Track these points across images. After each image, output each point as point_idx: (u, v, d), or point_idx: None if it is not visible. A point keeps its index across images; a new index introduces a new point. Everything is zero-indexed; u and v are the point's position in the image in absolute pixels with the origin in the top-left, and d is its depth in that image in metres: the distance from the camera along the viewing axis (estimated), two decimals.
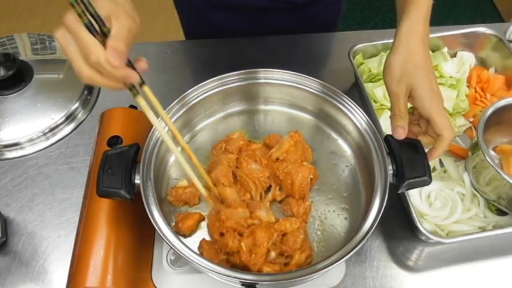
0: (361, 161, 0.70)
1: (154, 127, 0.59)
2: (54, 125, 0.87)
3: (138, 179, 0.60)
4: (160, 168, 0.68)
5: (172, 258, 0.66)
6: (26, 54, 0.96)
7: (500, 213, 0.78)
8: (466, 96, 0.93)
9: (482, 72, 0.96)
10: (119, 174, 0.59)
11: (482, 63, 1.00)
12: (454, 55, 0.99)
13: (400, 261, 0.75)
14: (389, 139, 0.64)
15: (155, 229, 0.57)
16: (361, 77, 0.92)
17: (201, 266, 0.54)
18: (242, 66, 0.71)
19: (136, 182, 0.60)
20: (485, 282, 0.74)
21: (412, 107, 0.65)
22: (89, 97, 0.93)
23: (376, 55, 0.97)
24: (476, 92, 0.94)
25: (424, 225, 0.71)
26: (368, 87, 0.91)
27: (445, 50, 0.97)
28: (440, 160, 0.84)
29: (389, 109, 0.65)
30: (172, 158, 0.72)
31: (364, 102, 0.89)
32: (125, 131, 0.72)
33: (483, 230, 0.75)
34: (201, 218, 0.66)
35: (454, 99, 0.90)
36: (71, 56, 0.48)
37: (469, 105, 0.92)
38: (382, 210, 0.58)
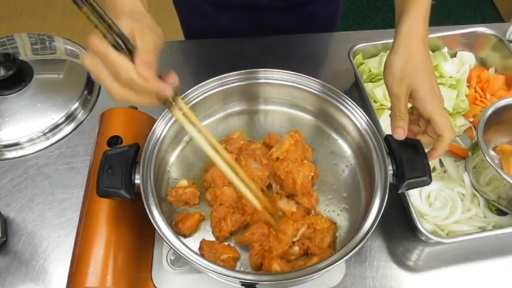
0: (361, 161, 0.70)
1: (197, 142, 0.57)
2: (54, 125, 0.87)
3: (138, 179, 0.60)
4: (160, 168, 0.68)
5: (172, 258, 0.66)
6: (26, 54, 0.96)
7: (500, 213, 0.78)
8: (466, 96, 0.93)
9: (482, 72, 0.96)
10: (119, 174, 0.59)
11: (482, 63, 1.00)
12: (454, 55, 0.99)
13: (400, 261, 0.75)
14: (389, 139, 0.64)
15: (155, 229, 0.57)
16: (361, 77, 0.92)
17: (201, 266, 0.54)
18: (242, 66, 0.71)
19: (136, 182, 0.60)
20: (485, 282, 0.74)
21: (411, 107, 0.65)
22: (89, 97, 0.93)
23: (376, 55, 0.97)
24: (476, 92, 0.94)
25: (424, 225, 0.71)
26: (368, 87, 0.91)
27: (445, 50, 0.97)
28: (440, 160, 0.84)
29: (389, 109, 0.65)
30: (172, 158, 0.72)
31: (364, 102, 0.89)
32: (125, 131, 0.72)
33: (483, 230, 0.75)
34: (201, 218, 0.66)
35: (454, 99, 0.90)
36: (101, 78, 0.48)
37: (469, 105, 0.92)
38: (382, 210, 0.58)
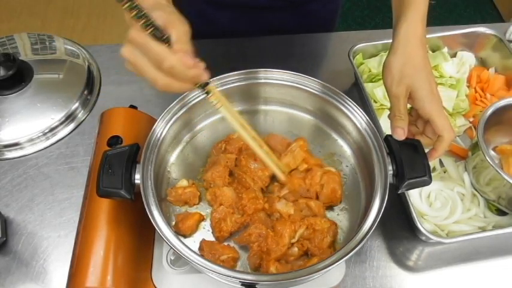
0: (361, 161, 0.70)
1: (228, 121, 0.62)
2: (54, 125, 0.87)
3: (138, 179, 0.60)
4: (160, 168, 0.68)
5: (172, 258, 0.66)
6: (26, 54, 0.96)
7: (500, 213, 0.78)
8: (466, 96, 0.92)
9: (482, 72, 0.96)
10: (119, 174, 0.59)
11: (482, 63, 1.00)
12: (454, 55, 0.99)
13: (400, 261, 0.75)
14: (389, 139, 0.64)
15: (155, 229, 0.57)
16: (361, 77, 0.92)
17: (201, 266, 0.54)
18: (242, 66, 0.71)
19: (136, 182, 0.60)
20: (485, 282, 0.74)
21: (410, 108, 0.65)
22: (89, 97, 0.93)
23: (376, 55, 0.97)
24: (476, 92, 0.94)
25: (424, 225, 0.71)
26: (368, 87, 0.91)
27: (445, 50, 0.97)
28: (440, 160, 0.84)
29: (389, 109, 0.65)
30: (172, 158, 0.72)
31: (364, 102, 0.89)
32: (125, 131, 0.72)
33: (483, 230, 0.75)
34: (201, 218, 0.66)
35: (454, 99, 0.90)
36: (143, 69, 0.49)
37: (469, 105, 0.92)
38: (382, 210, 0.58)
